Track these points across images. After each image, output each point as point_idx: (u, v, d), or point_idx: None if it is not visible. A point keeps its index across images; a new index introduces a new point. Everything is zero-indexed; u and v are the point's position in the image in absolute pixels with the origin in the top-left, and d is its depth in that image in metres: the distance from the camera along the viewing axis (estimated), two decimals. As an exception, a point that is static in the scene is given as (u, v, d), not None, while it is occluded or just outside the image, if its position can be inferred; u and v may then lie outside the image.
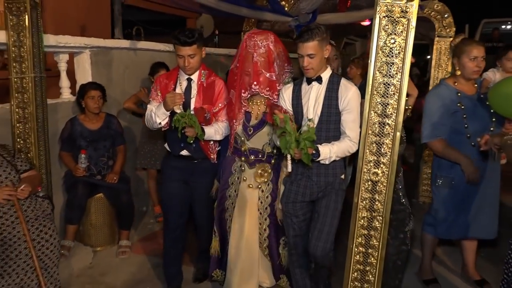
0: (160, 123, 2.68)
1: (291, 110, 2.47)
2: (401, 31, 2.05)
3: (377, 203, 2.25)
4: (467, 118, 2.65)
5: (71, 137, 3.36)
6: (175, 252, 2.96)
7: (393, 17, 2.06)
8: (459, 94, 2.68)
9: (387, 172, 2.21)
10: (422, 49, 9.95)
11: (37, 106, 3.02)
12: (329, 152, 2.31)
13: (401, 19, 2.05)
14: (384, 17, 2.07)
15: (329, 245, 2.48)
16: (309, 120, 2.35)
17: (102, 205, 3.44)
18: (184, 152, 2.78)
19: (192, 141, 2.57)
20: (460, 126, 2.68)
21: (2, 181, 2.55)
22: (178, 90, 2.70)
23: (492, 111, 2.59)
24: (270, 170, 2.73)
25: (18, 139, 3.03)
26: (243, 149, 2.72)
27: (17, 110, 3.01)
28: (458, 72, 2.71)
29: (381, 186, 2.23)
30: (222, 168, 2.84)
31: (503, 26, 9.13)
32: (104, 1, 7.58)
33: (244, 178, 2.74)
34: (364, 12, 4.32)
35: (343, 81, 2.43)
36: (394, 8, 2.06)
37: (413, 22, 2.03)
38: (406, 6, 2.04)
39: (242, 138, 2.71)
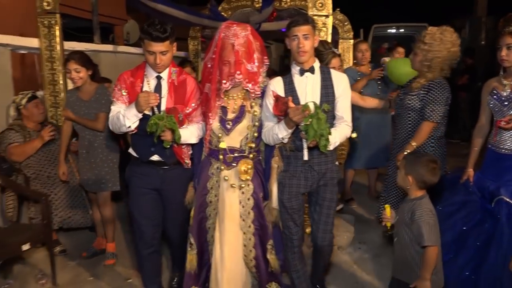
0: (129, 127, 2.42)
1: None
2: (323, 35, 3.53)
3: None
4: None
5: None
6: (154, 268, 2.76)
7: (318, 26, 3.53)
8: (358, 72, 4.25)
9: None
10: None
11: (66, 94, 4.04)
12: (335, 137, 2.32)
13: (323, 28, 3.53)
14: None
15: (332, 234, 2.61)
16: (322, 105, 2.27)
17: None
18: (155, 157, 2.55)
19: (169, 146, 2.40)
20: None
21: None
22: (146, 89, 2.48)
23: (379, 82, 4.20)
24: (252, 166, 2.52)
25: (51, 120, 4.02)
26: (220, 147, 2.49)
27: (50, 98, 4.01)
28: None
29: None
30: (198, 173, 2.62)
31: (389, 30, 11.30)
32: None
33: (226, 177, 2.51)
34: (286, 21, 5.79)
35: (332, 70, 2.55)
36: (318, 21, 3.53)
37: (330, 30, 3.52)
38: (325, 20, 3.52)
39: (220, 135, 2.49)
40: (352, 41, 5.91)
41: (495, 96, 2.62)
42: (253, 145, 2.54)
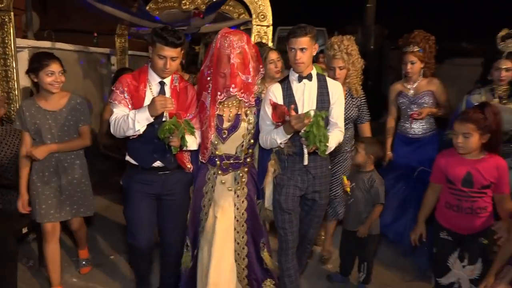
0: (137, 130, 2.39)
1: None
2: (265, 42, 4.21)
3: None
4: None
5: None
6: (149, 268, 2.86)
7: (260, 34, 4.21)
8: None
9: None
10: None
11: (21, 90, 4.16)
12: (331, 142, 2.38)
13: (264, 36, 4.21)
14: (256, 35, 4.20)
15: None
16: (319, 112, 2.30)
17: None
18: (157, 164, 2.57)
19: (177, 151, 2.41)
20: None
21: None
22: (149, 94, 2.51)
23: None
24: (247, 173, 2.66)
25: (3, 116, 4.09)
26: (217, 153, 2.59)
27: (3, 94, 4.08)
28: None
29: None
30: (195, 178, 2.71)
31: (294, 32, 12.45)
32: None
33: (223, 181, 2.61)
34: (228, 22, 6.17)
35: (327, 78, 2.64)
36: (260, 30, 4.20)
37: (270, 37, 4.20)
38: (266, 29, 4.20)
39: (216, 143, 2.58)
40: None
41: (403, 96, 3.54)
42: (249, 151, 2.65)
